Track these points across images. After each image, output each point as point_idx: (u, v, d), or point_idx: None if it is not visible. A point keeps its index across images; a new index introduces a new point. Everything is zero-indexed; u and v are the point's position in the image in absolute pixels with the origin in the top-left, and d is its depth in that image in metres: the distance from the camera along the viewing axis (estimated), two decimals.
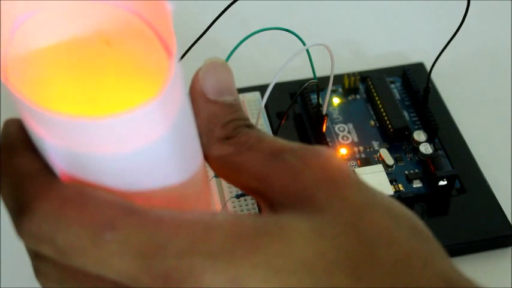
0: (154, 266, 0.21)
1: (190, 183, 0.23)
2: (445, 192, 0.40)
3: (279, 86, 0.43)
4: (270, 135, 0.25)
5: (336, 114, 0.45)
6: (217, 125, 0.25)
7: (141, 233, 0.21)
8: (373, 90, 0.45)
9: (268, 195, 0.23)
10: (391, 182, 0.40)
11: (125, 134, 0.20)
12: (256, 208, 0.38)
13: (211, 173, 0.26)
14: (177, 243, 0.21)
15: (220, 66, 0.26)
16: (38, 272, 0.23)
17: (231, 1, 0.36)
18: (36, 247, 0.22)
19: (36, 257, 0.23)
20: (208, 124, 0.25)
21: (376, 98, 0.44)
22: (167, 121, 0.21)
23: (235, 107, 0.25)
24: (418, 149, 0.42)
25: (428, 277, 0.22)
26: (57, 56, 0.23)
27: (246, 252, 0.21)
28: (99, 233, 0.21)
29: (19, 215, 0.21)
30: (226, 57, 0.34)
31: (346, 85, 0.46)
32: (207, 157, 0.25)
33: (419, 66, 0.48)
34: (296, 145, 0.24)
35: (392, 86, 0.46)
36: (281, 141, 0.24)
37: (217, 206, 0.38)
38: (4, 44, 0.21)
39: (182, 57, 0.38)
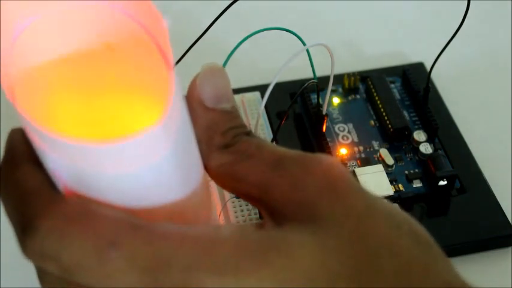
0: (161, 282, 0.20)
1: (192, 194, 0.23)
2: (445, 192, 0.40)
3: (279, 86, 0.43)
4: (270, 143, 0.24)
5: (336, 114, 0.45)
6: (217, 133, 0.24)
7: (146, 249, 0.21)
8: (373, 90, 0.45)
9: (270, 204, 0.23)
10: (391, 182, 0.40)
11: (129, 157, 0.20)
12: (257, 209, 0.38)
13: None
14: (182, 258, 0.21)
15: (217, 73, 0.25)
16: (42, 281, 0.23)
17: (231, 1, 0.36)
18: (40, 264, 0.21)
19: (41, 269, 0.23)
20: (207, 132, 0.24)
21: (376, 98, 0.44)
22: (170, 139, 0.21)
23: (233, 114, 0.25)
24: (418, 149, 0.42)
25: (430, 285, 0.22)
26: (60, 69, 0.23)
27: (252, 267, 0.21)
28: (104, 250, 0.20)
29: (22, 232, 0.21)
30: (226, 57, 0.34)
31: (346, 85, 0.46)
32: (206, 166, 0.24)
33: (419, 66, 0.48)
34: (297, 153, 0.24)
35: (392, 86, 0.46)
36: (281, 149, 0.24)
37: (218, 206, 0.38)
38: (5, 53, 0.21)
39: (182, 57, 0.38)
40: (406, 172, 0.41)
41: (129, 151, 0.20)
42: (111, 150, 0.20)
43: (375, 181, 0.39)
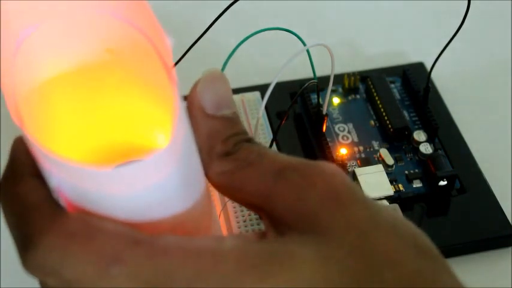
0: None
1: (194, 205, 0.23)
2: (445, 192, 0.40)
3: (279, 86, 0.43)
4: (272, 150, 0.24)
5: (336, 114, 0.45)
6: (218, 141, 0.24)
7: (148, 264, 0.20)
8: (373, 90, 0.45)
9: (271, 214, 0.23)
10: (391, 182, 0.40)
11: (133, 179, 0.20)
12: None
13: None
14: (185, 273, 0.21)
15: (217, 79, 0.25)
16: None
17: (231, 1, 0.36)
18: (42, 279, 0.21)
19: (43, 282, 0.22)
20: (208, 141, 0.24)
21: (376, 98, 0.44)
22: (174, 158, 0.21)
23: (234, 120, 0.25)
24: (418, 149, 0.42)
25: None
26: (63, 84, 0.22)
27: (255, 281, 0.21)
28: (106, 266, 0.20)
29: (23, 248, 0.21)
30: (226, 57, 0.34)
31: (346, 85, 0.46)
32: (206, 174, 0.24)
33: (419, 66, 0.48)
34: (298, 161, 0.23)
35: (392, 86, 0.46)
36: (283, 157, 0.24)
37: (217, 206, 0.38)
38: (7, 65, 0.20)
39: (182, 57, 0.38)
40: (406, 172, 0.41)
41: (133, 174, 0.20)
42: (115, 174, 0.20)
43: (375, 181, 0.39)
